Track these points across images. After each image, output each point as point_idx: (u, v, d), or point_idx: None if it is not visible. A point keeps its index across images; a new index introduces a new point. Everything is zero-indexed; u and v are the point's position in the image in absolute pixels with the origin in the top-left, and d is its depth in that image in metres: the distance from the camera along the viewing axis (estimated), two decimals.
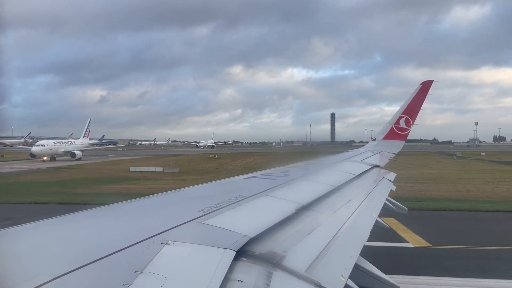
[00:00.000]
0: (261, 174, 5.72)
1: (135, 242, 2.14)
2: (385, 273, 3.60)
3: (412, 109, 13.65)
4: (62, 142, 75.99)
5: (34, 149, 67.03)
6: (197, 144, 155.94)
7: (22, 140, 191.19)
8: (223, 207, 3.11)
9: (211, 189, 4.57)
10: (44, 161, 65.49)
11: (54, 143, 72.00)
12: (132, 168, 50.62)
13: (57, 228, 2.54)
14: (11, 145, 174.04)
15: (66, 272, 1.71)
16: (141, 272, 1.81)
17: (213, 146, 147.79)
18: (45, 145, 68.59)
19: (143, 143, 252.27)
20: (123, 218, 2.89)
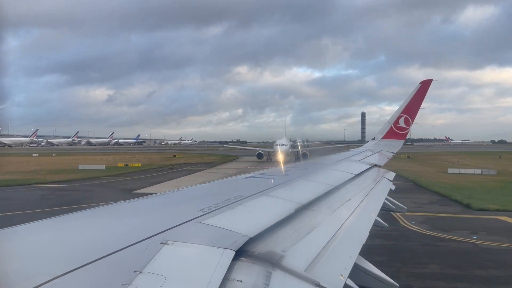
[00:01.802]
0: (261, 174, 5.72)
1: (134, 242, 2.14)
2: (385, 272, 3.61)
3: (411, 109, 13.65)
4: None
5: (278, 148, 61.69)
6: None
7: (70, 139, 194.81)
8: (223, 207, 3.11)
9: (210, 189, 4.58)
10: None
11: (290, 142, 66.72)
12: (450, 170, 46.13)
13: (57, 228, 2.54)
14: (57, 145, 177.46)
15: (66, 272, 1.71)
16: (140, 272, 1.81)
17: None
18: (286, 145, 63.83)
19: (169, 142, 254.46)
20: (122, 218, 2.89)
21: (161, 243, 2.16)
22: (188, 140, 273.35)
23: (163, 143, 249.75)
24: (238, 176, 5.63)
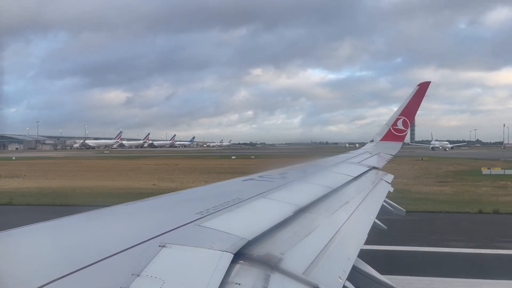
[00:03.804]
0: (259, 176, 5.72)
1: (132, 244, 2.13)
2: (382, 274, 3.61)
3: (409, 111, 13.73)
4: None
5: None
6: (433, 146, 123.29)
7: (141, 141, 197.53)
8: (221, 209, 3.11)
9: (208, 191, 4.57)
10: None
11: None
12: None
13: (54, 231, 2.53)
14: (130, 147, 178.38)
15: (63, 275, 1.70)
16: (138, 275, 1.80)
17: (452, 147, 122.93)
18: None
19: (210, 144, 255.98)
20: (120, 221, 2.89)
21: (159, 246, 2.16)
22: (227, 143, 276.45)
23: (204, 145, 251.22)
24: (237, 178, 5.63)
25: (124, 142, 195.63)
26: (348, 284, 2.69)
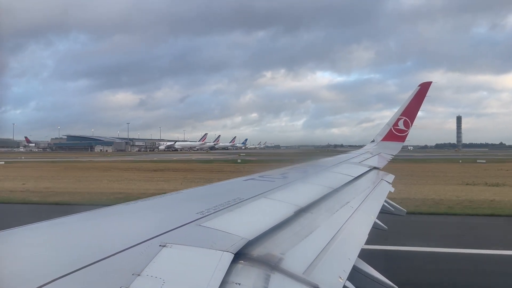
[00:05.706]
0: (260, 176, 5.72)
1: (133, 244, 2.13)
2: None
3: (410, 111, 13.71)
4: None
5: None
6: None
7: (212, 143, 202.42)
8: (221, 209, 3.11)
9: (209, 191, 4.58)
10: None
11: None
12: None
13: (54, 230, 2.53)
14: (197, 148, 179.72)
15: (63, 275, 1.70)
16: (139, 275, 1.80)
17: None
18: None
19: (248, 146, 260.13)
20: (121, 220, 2.89)
21: (159, 245, 2.16)
22: (262, 145, 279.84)
23: (242, 148, 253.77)
24: (237, 178, 5.63)
25: (191, 143, 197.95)
26: (348, 284, 2.69)
